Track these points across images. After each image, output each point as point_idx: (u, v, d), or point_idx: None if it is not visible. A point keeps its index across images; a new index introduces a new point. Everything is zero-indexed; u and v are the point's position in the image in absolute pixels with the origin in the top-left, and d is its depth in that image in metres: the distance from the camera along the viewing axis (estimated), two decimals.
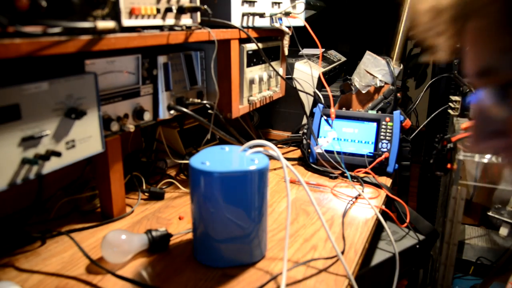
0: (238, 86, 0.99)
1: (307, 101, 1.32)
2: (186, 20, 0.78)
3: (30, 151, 0.57)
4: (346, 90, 1.31)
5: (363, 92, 1.31)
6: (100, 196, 0.87)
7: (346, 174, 1.08)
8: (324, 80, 1.25)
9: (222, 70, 0.95)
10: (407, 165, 1.17)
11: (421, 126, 1.57)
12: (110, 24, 0.59)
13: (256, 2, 0.98)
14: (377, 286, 1.03)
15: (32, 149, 0.58)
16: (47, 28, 0.51)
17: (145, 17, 0.69)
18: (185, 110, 0.85)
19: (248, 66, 1.02)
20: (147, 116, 0.80)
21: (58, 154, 0.60)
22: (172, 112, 0.85)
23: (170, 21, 0.75)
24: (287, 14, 1.10)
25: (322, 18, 1.68)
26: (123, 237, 0.70)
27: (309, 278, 0.68)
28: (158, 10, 0.71)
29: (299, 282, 0.67)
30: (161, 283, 0.66)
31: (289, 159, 1.25)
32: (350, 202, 0.96)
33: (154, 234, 0.74)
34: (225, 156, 0.72)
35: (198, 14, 0.81)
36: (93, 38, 0.58)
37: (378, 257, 0.99)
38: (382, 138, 1.13)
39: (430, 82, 1.63)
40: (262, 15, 1.00)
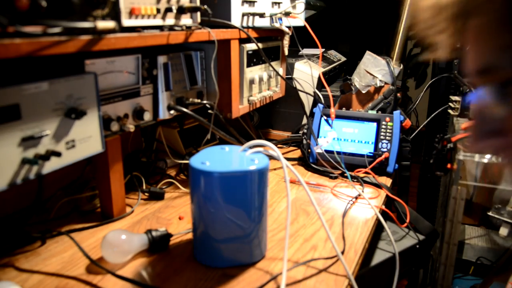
0: (238, 86, 0.99)
1: (307, 101, 1.32)
2: (186, 20, 0.78)
3: (30, 151, 0.57)
4: (346, 90, 1.31)
5: (363, 92, 1.31)
6: (100, 196, 0.87)
7: (346, 174, 1.08)
8: (324, 80, 1.25)
9: (222, 70, 0.95)
10: (407, 165, 1.17)
11: (421, 126, 1.57)
12: (110, 24, 0.59)
13: (256, 2, 0.98)
14: (377, 286, 1.03)
15: (32, 149, 0.58)
16: (47, 28, 0.51)
17: (145, 17, 0.69)
18: (185, 110, 0.85)
19: (248, 66, 1.02)
20: (147, 116, 0.80)
21: (58, 154, 0.60)
22: (172, 112, 0.85)
23: (170, 21, 0.75)
24: (287, 14, 1.10)
25: (322, 18, 1.68)
26: (123, 237, 0.70)
27: (309, 278, 0.68)
28: (158, 10, 0.71)
29: (299, 282, 0.67)
30: (161, 283, 0.66)
31: (289, 159, 1.25)
32: (350, 202, 0.96)
33: (154, 234, 0.74)
34: (225, 156, 0.72)
35: (198, 14, 0.81)
36: (93, 38, 0.58)
37: (378, 257, 0.99)
38: (382, 138, 1.13)
39: (430, 82, 1.63)
40: (262, 15, 1.00)
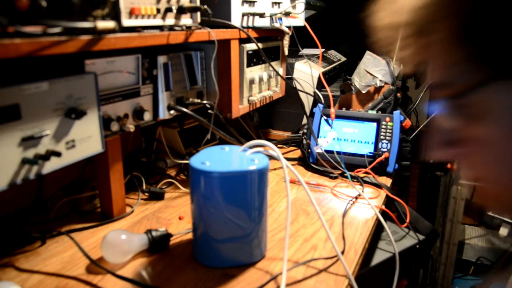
0: (238, 86, 0.99)
1: (307, 101, 1.32)
2: (186, 20, 0.78)
3: (30, 151, 0.57)
4: (346, 90, 1.31)
5: (363, 92, 1.31)
6: (100, 196, 0.87)
7: (346, 174, 1.08)
8: (324, 80, 1.25)
9: (222, 70, 0.95)
10: (407, 165, 1.17)
11: (421, 126, 1.57)
12: (110, 24, 0.59)
13: (256, 2, 0.98)
14: (377, 286, 1.03)
15: (32, 149, 0.58)
16: (47, 28, 0.51)
17: (145, 17, 0.69)
18: (185, 110, 0.85)
19: (248, 66, 1.02)
20: (147, 116, 0.80)
21: (58, 154, 0.60)
22: (172, 112, 0.85)
23: (170, 21, 0.75)
24: (287, 14, 1.10)
25: (322, 18, 1.68)
26: (123, 237, 0.70)
27: (309, 278, 0.68)
28: (158, 10, 0.71)
29: (299, 282, 0.67)
30: (161, 283, 0.66)
31: (289, 159, 1.25)
32: (350, 202, 0.96)
33: (154, 234, 0.74)
34: (225, 156, 0.72)
35: (198, 14, 0.81)
36: (93, 38, 0.58)
37: (378, 257, 0.99)
38: (382, 138, 1.13)
39: (430, 82, 1.63)
40: (262, 15, 1.00)
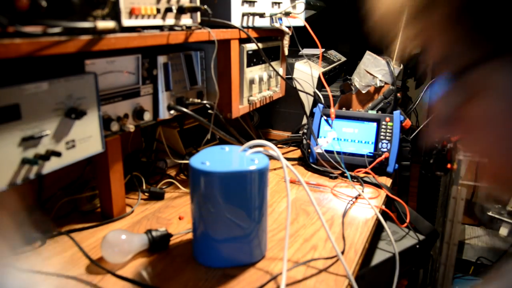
0: (238, 86, 0.99)
1: (307, 101, 1.32)
2: (186, 20, 0.78)
3: (30, 151, 0.57)
4: (346, 90, 1.31)
5: (363, 92, 1.31)
6: (100, 196, 0.87)
7: (346, 174, 1.08)
8: (324, 80, 1.25)
9: (222, 70, 0.95)
10: (407, 165, 1.17)
11: (421, 126, 1.57)
12: (110, 24, 0.59)
13: (256, 2, 0.98)
14: (377, 286, 1.03)
15: (32, 149, 0.58)
16: (47, 28, 0.51)
17: (145, 17, 0.69)
18: (185, 110, 0.85)
19: (248, 66, 1.02)
20: (147, 116, 0.80)
21: (58, 154, 0.60)
22: (172, 112, 0.85)
23: (170, 21, 0.75)
24: (287, 14, 1.10)
25: (322, 18, 1.68)
26: (123, 237, 0.70)
27: (309, 278, 0.68)
28: (158, 10, 0.71)
29: (299, 282, 0.67)
30: (161, 283, 0.66)
31: (289, 159, 1.25)
32: (350, 202, 0.96)
33: (154, 234, 0.74)
34: (225, 156, 0.72)
35: (198, 14, 0.81)
36: (93, 38, 0.58)
37: (378, 257, 0.99)
38: (382, 138, 1.13)
39: (430, 82, 1.63)
40: (262, 15, 1.00)
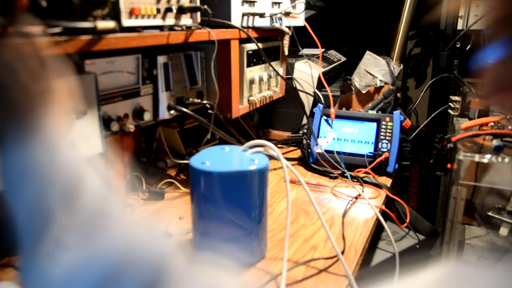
0: (238, 86, 0.99)
1: (307, 101, 1.32)
2: (186, 20, 0.78)
3: None
4: (346, 90, 1.31)
5: (363, 92, 1.31)
6: None
7: (346, 174, 1.08)
8: (324, 80, 1.25)
9: (222, 70, 0.95)
10: (407, 165, 1.17)
11: (421, 126, 1.57)
12: (110, 24, 0.59)
13: (256, 2, 0.98)
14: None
15: None
16: (47, 28, 0.51)
17: (145, 17, 0.69)
18: (185, 110, 0.85)
19: (248, 66, 1.02)
20: (147, 116, 0.80)
21: None
22: (172, 112, 0.85)
23: (170, 21, 0.75)
24: (287, 14, 1.10)
25: (322, 18, 1.68)
26: None
27: (309, 278, 0.68)
28: (158, 10, 0.71)
29: (299, 282, 0.67)
30: None
31: (289, 159, 1.25)
32: (350, 202, 0.96)
33: None
34: (225, 156, 0.72)
35: (198, 14, 0.80)
36: (93, 38, 0.58)
37: (378, 257, 0.99)
38: (382, 138, 1.13)
39: (430, 82, 1.63)
40: (262, 15, 1.00)
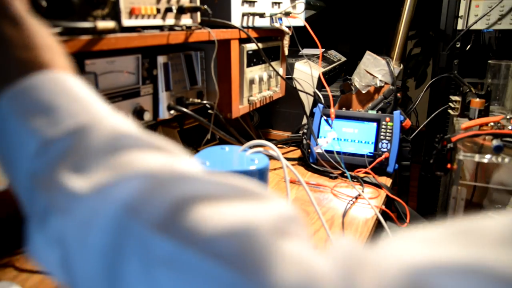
0: (238, 86, 0.99)
1: (307, 101, 1.32)
2: (186, 20, 0.78)
3: None
4: (346, 90, 1.31)
5: (363, 92, 1.31)
6: None
7: (346, 174, 1.08)
8: (324, 80, 1.25)
9: (222, 70, 0.95)
10: (407, 165, 1.17)
11: (421, 126, 1.57)
12: (110, 24, 0.59)
13: (256, 2, 0.98)
14: None
15: None
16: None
17: (145, 17, 0.69)
18: (185, 110, 0.85)
19: (248, 66, 1.02)
20: (147, 116, 0.80)
21: None
22: (172, 112, 0.85)
23: (170, 21, 0.75)
24: (287, 14, 1.10)
25: (322, 18, 1.68)
26: None
27: None
28: (158, 10, 0.71)
29: None
30: None
31: (289, 159, 1.25)
32: (350, 202, 0.96)
33: None
34: (225, 156, 0.72)
35: (198, 14, 0.81)
36: (93, 38, 0.58)
37: None
38: (382, 138, 1.13)
39: (430, 82, 1.63)
40: (262, 15, 1.00)
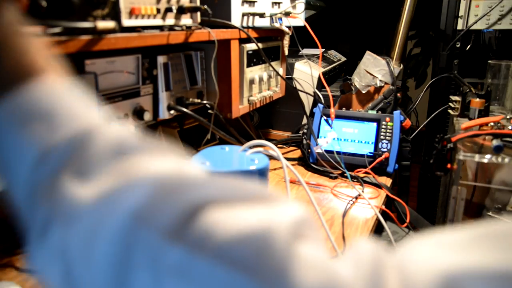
0: (238, 86, 0.99)
1: (307, 101, 1.32)
2: (186, 20, 0.78)
3: None
4: (346, 90, 1.31)
5: (363, 92, 1.31)
6: None
7: (346, 174, 1.08)
8: (324, 80, 1.25)
9: (222, 70, 0.95)
10: (407, 165, 1.17)
11: (421, 126, 1.57)
12: (110, 24, 0.59)
13: (256, 2, 0.98)
14: None
15: None
16: (47, 28, 0.51)
17: (145, 17, 0.69)
18: (185, 110, 0.85)
19: (248, 66, 1.02)
20: (147, 116, 0.80)
21: None
22: (172, 112, 0.85)
23: (170, 21, 0.75)
24: (287, 14, 1.10)
25: (322, 18, 1.68)
26: None
27: None
28: (158, 10, 0.71)
29: None
30: None
31: (289, 159, 1.25)
32: (350, 202, 0.96)
33: None
34: (225, 156, 0.72)
35: (198, 14, 0.81)
36: (93, 38, 0.58)
37: None
38: (382, 138, 1.13)
39: (430, 82, 1.63)
40: (262, 15, 1.00)
